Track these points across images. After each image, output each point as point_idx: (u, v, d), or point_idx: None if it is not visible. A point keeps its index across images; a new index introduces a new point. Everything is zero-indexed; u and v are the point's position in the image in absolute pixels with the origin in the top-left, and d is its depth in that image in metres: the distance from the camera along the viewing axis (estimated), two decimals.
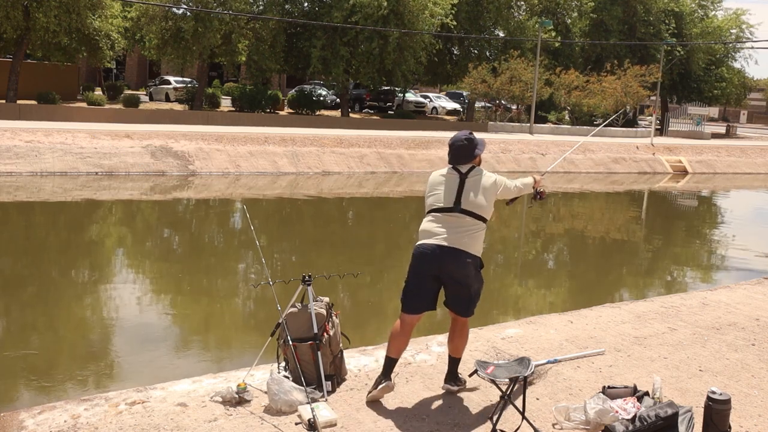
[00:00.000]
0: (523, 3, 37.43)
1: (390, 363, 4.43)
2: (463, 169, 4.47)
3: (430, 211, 4.46)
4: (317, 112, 33.25)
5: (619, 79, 35.00)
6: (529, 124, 32.63)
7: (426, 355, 5.31)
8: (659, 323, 6.46)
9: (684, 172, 28.16)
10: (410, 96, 40.67)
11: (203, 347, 7.06)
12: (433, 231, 4.37)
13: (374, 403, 4.39)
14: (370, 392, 4.40)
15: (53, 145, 18.54)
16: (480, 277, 4.46)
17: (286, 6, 31.48)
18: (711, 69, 42.95)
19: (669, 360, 5.48)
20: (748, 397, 4.82)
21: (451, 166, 4.51)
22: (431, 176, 4.60)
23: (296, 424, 4.12)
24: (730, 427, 3.93)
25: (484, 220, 4.45)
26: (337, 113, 33.90)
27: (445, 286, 4.39)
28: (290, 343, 4.58)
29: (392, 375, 4.45)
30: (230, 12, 28.29)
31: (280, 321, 4.71)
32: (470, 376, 4.24)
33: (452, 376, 4.63)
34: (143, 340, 7.08)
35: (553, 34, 36.42)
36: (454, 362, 4.62)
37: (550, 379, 4.99)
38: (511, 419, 4.18)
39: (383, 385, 4.34)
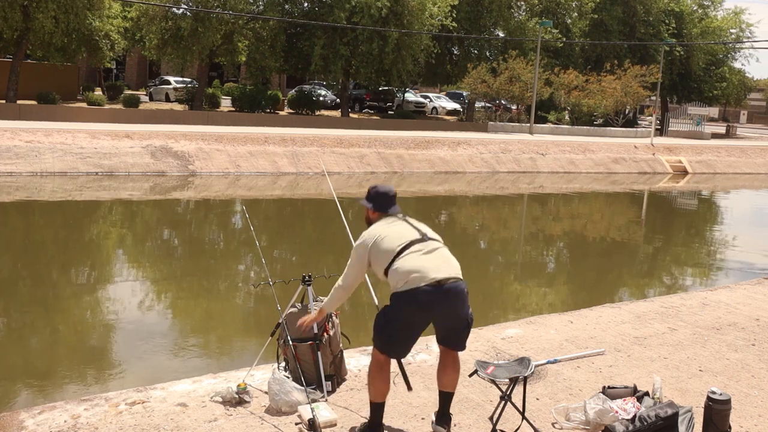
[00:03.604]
0: (523, 3, 37.42)
1: (380, 411, 3.98)
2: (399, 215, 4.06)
3: (401, 251, 3.79)
4: (317, 112, 33.24)
5: (619, 79, 35.00)
6: (529, 124, 32.62)
7: (426, 355, 5.31)
8: (659, 323, 6.46)
9: (684, 172, 28.15)
10: (410, 96, 40.63)
11: (203, 347, 7.06)
12: (424, 266, 3.73)
13: None
14: None
15: (53, 145, 18.54)
16: None
17: (286, 6, 31.48)
18: (711, 69, 42.95)
19: (669, 360, 5.48)
20: (748, 397, 4.82)
21: (384, 213, 4.05)
22: (372, 233, 3.94)
23: (296, 424, 4.12)
24: (730, 427, 3.93)
25: None
26: (337, 113, 33.89)
27: (443, 325, 3.90)
28: (290, 343, 4.59)
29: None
30: (230, 12, 28.29)
31: (280, 321, 4.71)
32: (470, 376, 4.24)
33: (446, 417, 4.07)
34: (143, 340, 7.08)
35: (555, 32, 36.42)
36: (448, 399, 4.06)
37: (550, 379, 4.99)
38: (511, 419, 4.18)
39: None
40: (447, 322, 3.86)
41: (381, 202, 4.09)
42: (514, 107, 38.36)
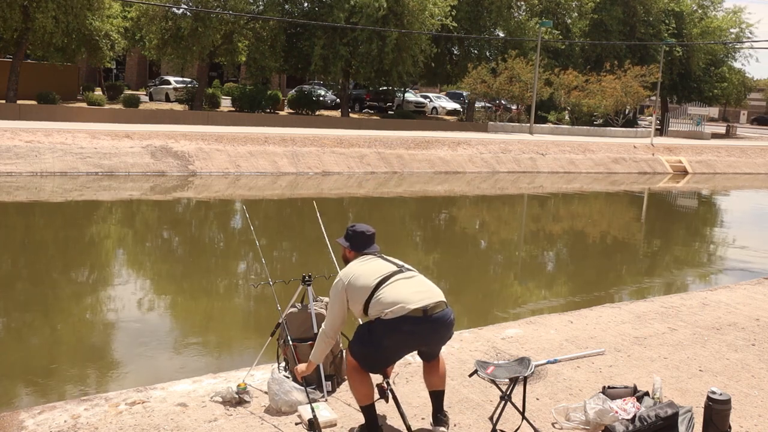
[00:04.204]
0: (523, 3, 37.42)
1: (372, 412, 3.90)
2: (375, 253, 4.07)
3: (379, 283, 3.76)
4: (317, 112, 33.26)
5: (619, 79, 35.01)
6: (529, 124, 32.63)
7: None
8: (659, 323, 6.46)
9: (684, 172, 28.16)
10: (410, 96, 40.64)
11: (203, 347, 7.06)
12: (408, 296, 3.70)
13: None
14: None
15: (53, 145, 18.54)
16: None
17: (286, 6, 31.50)
18: (711, 69, 42.95)
19: (669, 360, 5.48)
20: (748, 397, 4.82)
21: (360, 253, 4.04)
22: (347, 272, 3.91)
23: (296, 424, 4.12)
24: (730, 427, 3.93)
25: None
26: (337, 113, 33.90)
27: (426, 348, 3.93)
28: (290, 343, 4.59)
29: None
30: (230, 12, 28.30)
31: (280, 321, 4.71)
32: (470, 376, 4.24)
33: (442, 415, 4.05)
34: (143, 340, 7.08)
35: (556, 33, 36.45)
36: (440, 397, 4.05)
37: (550, 379, 4.99)
38: (511, 419, 4.18)
39: None
40: (430, 347, 3.92)
41: (358, 242, 4.07)
42: (514, 107, 38.35)
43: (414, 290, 3.76)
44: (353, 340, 3.90)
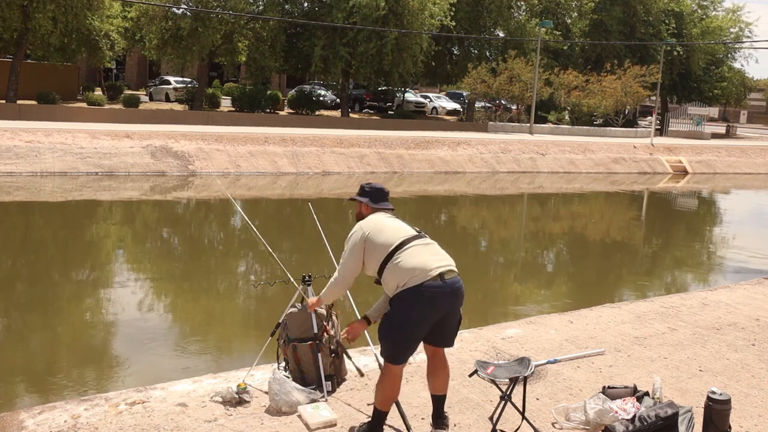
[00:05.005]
0: (523, 3, 37.41)
1: (384, 418, 3.93)
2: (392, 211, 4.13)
3: (401, 244, 3.77)
4: (317, 112, 33.26)
5: (619, 79, 35.00)
6: (529, 124, 32.63)
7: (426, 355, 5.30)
8: (659, 323, 6.46)
9: (684, 172, 28.15)
10: (410, 96, 40.61)
11: (203, 347, 7.06)
12: (427, 261, 3.71)
13: None
14: None
15: (53, 145, 18.54)
16: None
17: (286, 6, 31.50)
18: (711, 69, 42.94)
19: (669, 360, 5.48)
20: (748, 397, 4.82)
21: (378, 208, 4.09)
22: (368, 223, 3.92)
23: (297, 416, 4.13)
24: (730, 427, 3.93)
25: None
26: (337, 113, 33.89)
27: (441, 322, 3.82)
28: (290, 343, 4.59)
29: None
30: (230, 12, 28.31)
31: (281, 321, 4.71)
32: (470, 376, 4.24)
33: (443, 418, 4.05)
34: (143, 340, 7.08)
35: (556, 33, 36.45)
36: (442, 401, 4.05)
37: (550, 379, 4.99)
38: (511, 419, 4.18)
39: None
40: (445, 319, 3.81)
41: (377, 197, 4.10)
42: (514, 107, 38.34)
43: (431, 256, 3.76)
44: (382, 345, 3.82)
